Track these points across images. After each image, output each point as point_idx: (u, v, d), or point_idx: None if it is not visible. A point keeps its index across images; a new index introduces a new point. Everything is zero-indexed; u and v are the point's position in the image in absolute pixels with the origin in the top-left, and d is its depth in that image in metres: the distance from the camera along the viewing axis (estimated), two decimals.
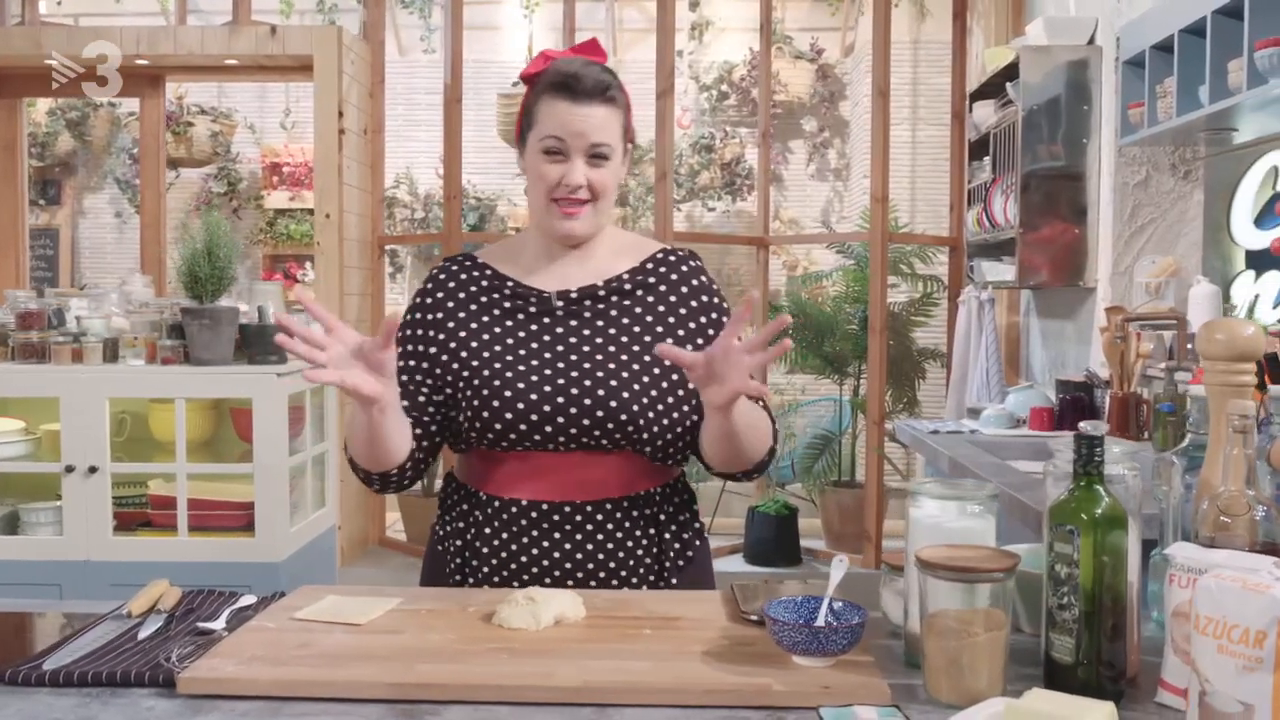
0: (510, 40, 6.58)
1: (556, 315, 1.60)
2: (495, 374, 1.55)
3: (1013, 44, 3.90)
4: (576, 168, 1.55)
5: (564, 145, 1.54)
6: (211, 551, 3.11)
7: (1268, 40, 2.33)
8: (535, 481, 1.56)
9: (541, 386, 1.54)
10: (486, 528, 1.57)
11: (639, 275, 1.64)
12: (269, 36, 4.33)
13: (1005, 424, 3.24)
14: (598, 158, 1.56)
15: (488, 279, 1.65)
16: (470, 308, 1.63)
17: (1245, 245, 3.69)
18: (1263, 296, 3.65)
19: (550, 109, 1.55)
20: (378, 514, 4.81)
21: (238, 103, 6.82)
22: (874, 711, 1.06)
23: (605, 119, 1.55)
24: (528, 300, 1.62)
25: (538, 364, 1.56)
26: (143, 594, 1.44)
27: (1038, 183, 3.53)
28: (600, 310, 1.61)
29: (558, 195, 1.56)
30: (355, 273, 4.56)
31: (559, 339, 1.58)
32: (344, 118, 4.37)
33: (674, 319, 1.62)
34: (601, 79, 1.56)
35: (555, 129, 1.54)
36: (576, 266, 1.63)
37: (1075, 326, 3.71)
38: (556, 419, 1.52)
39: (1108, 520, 1.11)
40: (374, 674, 1.14)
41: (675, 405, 1.57)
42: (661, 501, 1.61)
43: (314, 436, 3.49)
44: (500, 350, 1.58)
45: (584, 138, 1.54)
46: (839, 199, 6.81)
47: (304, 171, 6.85)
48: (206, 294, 3.08)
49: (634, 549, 1.57)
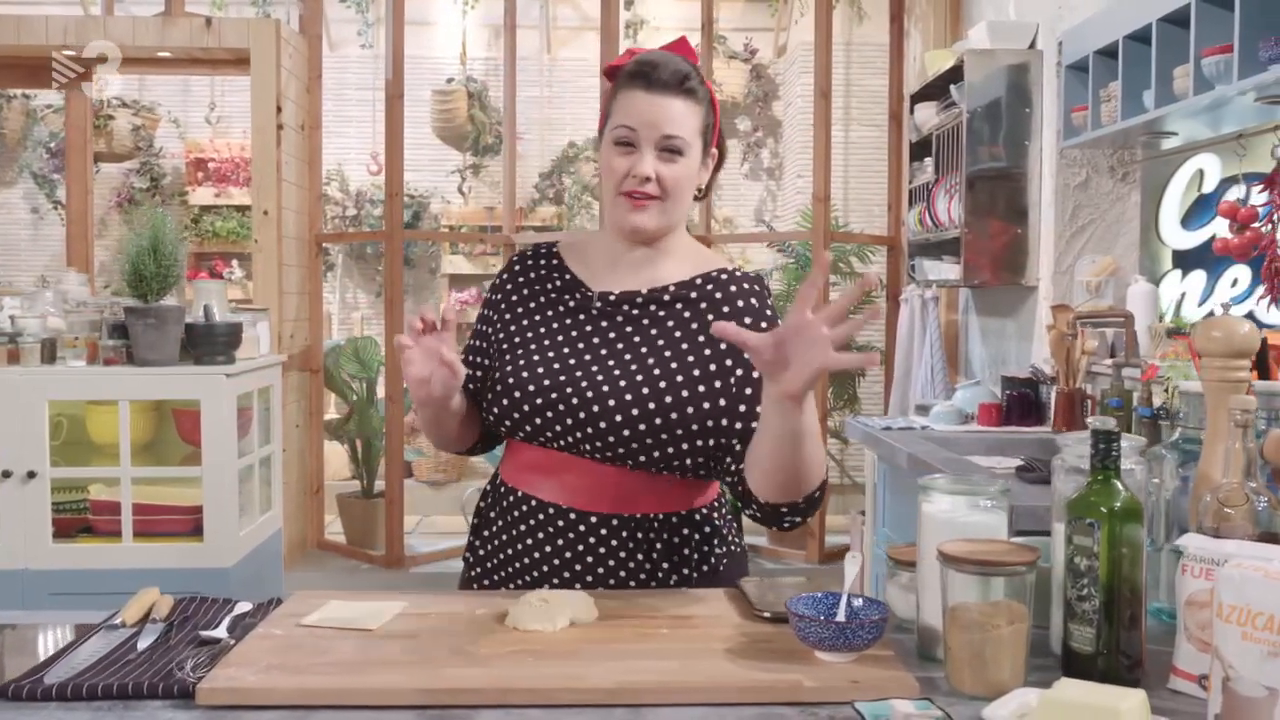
0: (444, 36, 6.50)
1: (591, 315, 1.58)
2: (520, 362, 1.55)
3: (954, 48, 3.97)
4: (645, 158, 1.49)
5: (634, 135, 1.49)
6: (158, 558, 3.03)
7: (1215, 48, 2.41)
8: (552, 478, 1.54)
9: (555, 384, 1.51)
10: (500, 520, 1.59)
11: (685, 289, 1.57)
12: (204, 29, 4.21)
13: (955, 420, 3.30)
14: (670, 151, 1.50)
15: (554, 269, 1.64)
16: (524, 291, 1.63)
17: (1172, 245, 3.83)
18: (1189, 295, 3.78)
19: (625, 99, 1.51)
20: (316, 516, 4.72)
21: (160, 96, 6.62)
22: (910, 705, 1.07)
23: (681, 111, 1.50)
24: (572, 295, 1.60)
25: (560, 363, 1.54)
26: (134, 603, 1.39)
27: (981, 183, 3.61)
28: (634, 317, 1.56)
29: (625, 189, 1.51)
30: (293, 271, 4.47)
31: (586, 338, 1.56)
32: (282, 113, 4.27)
33: (705, 337, 1.52)
34: (680, 69, 1.51)
35: (627, 118, 1.50)
36: (634, 271, 1.59)
37: (1016, 324, 3.80)
38: (561, 417, 1.51)
39: (1125, 513, 1.14)
40: (402, 680, 1.12)
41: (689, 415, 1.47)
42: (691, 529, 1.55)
43: (260, 438, 3.42)
44: (531, 337, 1.58)
45: (655, 128, 1.48)
46: (772, 198, 6.87)
47: (230, 168, 6.68)
48: (152, 292, 3.00)
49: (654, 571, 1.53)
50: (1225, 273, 3.77)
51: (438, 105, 6.19)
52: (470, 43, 6.54)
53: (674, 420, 1.47)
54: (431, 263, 6.72)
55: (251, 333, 3.26)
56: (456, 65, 6.51)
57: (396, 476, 4.48)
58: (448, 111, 6.17)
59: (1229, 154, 3.58)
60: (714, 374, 1.50)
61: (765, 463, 1.37)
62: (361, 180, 6.65)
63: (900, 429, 3.22)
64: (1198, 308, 3.77)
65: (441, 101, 6.17)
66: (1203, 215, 3.85)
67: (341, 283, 6.73)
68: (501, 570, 1.57)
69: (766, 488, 1.40)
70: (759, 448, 1.38)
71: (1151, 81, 2.71)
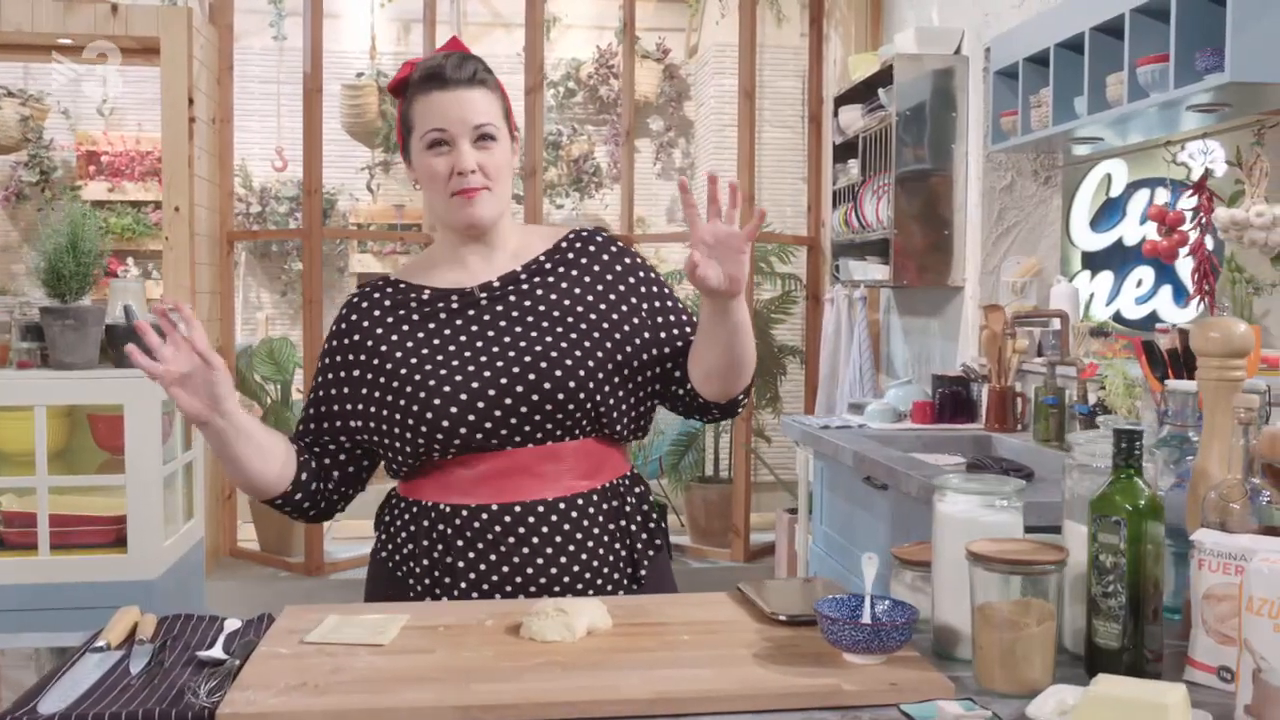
0: (351, 30, 6.35)
1: (481, 305, 1.57)
2: (430, 375, 1.50)
3: (880, 52, 4.04)
4: (464, 152, 1.52)
5: (447, 134, 1.52)
6: (78, 571, 2.87)
7: (1150, 57, 2.50)
8: (500, 481, 1.51)
9: (482, 375, 1.50)
10: (459, 539, 1.50)
11: (556, 255, 1.63)
12: (109, 16, 4.02)
13: (890, 418, 3.36)
14: (484, 139, 1.53)
15: (401, 292, 1.60)
16: (388, 320, 1.58)
17: (1082, 247, 3.97)
18: (1097, 295, 3.93)
19: (425, 104, 1.53)
20: (228, 524, 4.56)
21: (48, 85, 6.31)
22: (958, 706, 1.07)
23: (482, 100, 1.54)
24: (447, 300, 1.58)
25: (471, 355, 1.52)
26: (116, 623, 1.32)
27: (910, 185, 3.67)
28: (525, 292, 1.58)
29: (454, 188, 1.52)
30: (205, 269, 4.30)
31: (489, 326, 1.55)
32: (194, 105, 4.11)
33: (601, 287, 1.61)
34: (468, 63, 1.55)
35: (434, 120, 1.52)
36: (487, 263, 1.60)
37: (941, 323, 3.88)
38: (505, 402, 1.49)
39: (1149, 511, 1.17)
40: (434, 698, 1.08)
41: (622, 364, 1.56)
42: (625, 494, 1.60)
43: (181, 444, 3.27)
44: (429, 352, 1.53)
45: (465, 121, 1.52)
46: None
47: (124, 161, 6.41)
48: (70, 292, 2.84)
49: (610, 544, 1.55)
50: (1131, 273, 3.93)
51: (347, 100, 6.03)
52: (380, 37, 6.40)
53: (621, 362, 1.55)
54: (340, 261, 6.56)
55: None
56: (364, 60, 6.36)
57: None
58: (357, 107, 6.02)
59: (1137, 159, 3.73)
60: (628, 313, 1.59)
61: (706, 360, 1.54)
62: (265, 176, 6.45)
63: (838, 428, 3.26)
64: (1105, 307, 3.92)
65: (351, 96, 6.02)
66: (1111, 218, 4.01)
67: (245, 281, 6.51)
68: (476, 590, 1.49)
69: (719, 388, 1.58)
70: (708, 356, 1.54)
71: (1084, 88, 2.79)
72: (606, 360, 1.54)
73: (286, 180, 6.45)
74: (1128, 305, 3.93)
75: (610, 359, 1.55)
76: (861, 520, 2.97)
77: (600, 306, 1.58)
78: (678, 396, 1.64)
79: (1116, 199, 3.96)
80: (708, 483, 4.97)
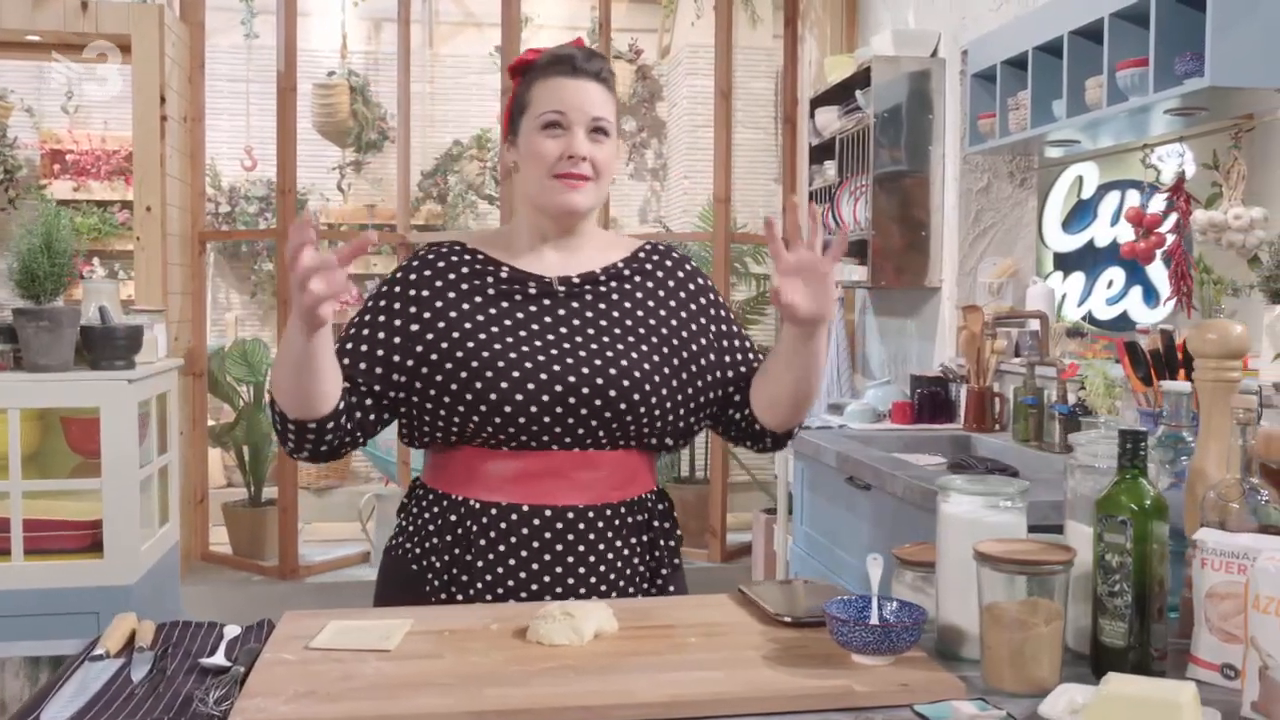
0: (320, 29, 6.29)
1: (558, 298, 1.56)
2: (499, 357, 1.48)
3: (857, 54, 4.06)
4: (579, 138, 1.51)
5: (565, 118, 1.52)
6: (53, 576, 2.83)
7: (1129, 61, 2.53)
8: (533, 484, 1.49)
9: (550, 369, 1.48)
10: (481, 539, 1.48)
11: (633, 264, 1.63)
12: (79, 12, 3.96)
13: (870, 419, 3.38)
14: (599, 132, 1.53)
15: (479, 263, 1.58)
16: (462, 289, 1.55)
17: (1054, 248, 4.01)
18: (1069, 296, 3.97)
19: (548, 86, 1.53)
20: (201, 527, 4.50)
21: (11, 82, 6.21)
22: (972, 706, 1.08)
23: (602, 96, 1.55)
24: (525, 284, 1.56)
25: (542, 345, 1.50)
26: (113, 631, 1.30)
27: (887, 187, 3.70)
28: (602, 294, 1.58)
29: (560, 170, 1.52)
30: (177, 270, 4.25)
31: (563, 321, 1.53)
32: (166, 104, 4.06)
33: (674, 303, 1.61)
34: (597, 58, 1.56)
35: (555, 103, 1.52)
36: (571, 254, 1.60)
37: (918, 324, 3.91)
38: (568, 400, 1.47)
39: (1154, 510, 1.18)
40: (449, 704, 1.07)
41: (688, 382, 1.57)
42: (652, 508, 1.59)
43: (157, 446, 3.23)
44: (499, 332, 1.51)
45: (585, 111, 1.52)
46: (657, 199, 6.90)
47: (90, 160, 6.32)
48: (45, 293, 2.80)
49: (630, 557, 1.54)
50: (1102, 274, 3.98)
51: (319, 99, 5.99)
52: (352, 36, 6.35)
53: (692, 374, 1.56)
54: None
55: (150, 335, 3.08)
56: (334, 58, 6.31)
57: (290, 484, 4.31)
58: (329, 106, 5.97)
59: (1108, 162, 3.77)
60: (697, 333, 1.60)
61: (788, 391, 1.55)
62: (235, 175, 6.38)
63: (819, 428, 3.27)
64: (1077, 308, 3.96)
65: (323, 95, 5.97)
66: (1082, 219, 4.06)
67: (213, 282, 6.44)
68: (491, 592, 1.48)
69: (783, 417, 1.60)
70: (779, 383, 1.55)
71: (1063, 92, 2.82)
72: (672, 376, 1.55)
73: (256, 180, 6.39)
74: (1099, 306, 3.97)
75: (676, 375, 1.55)
76: (844, 520, 2.98)
77: (671, 322, 1.59)
78: (733, 421, 1.64)
79: (1088, 201, 4.00)
80: (684, 483, 4.97)
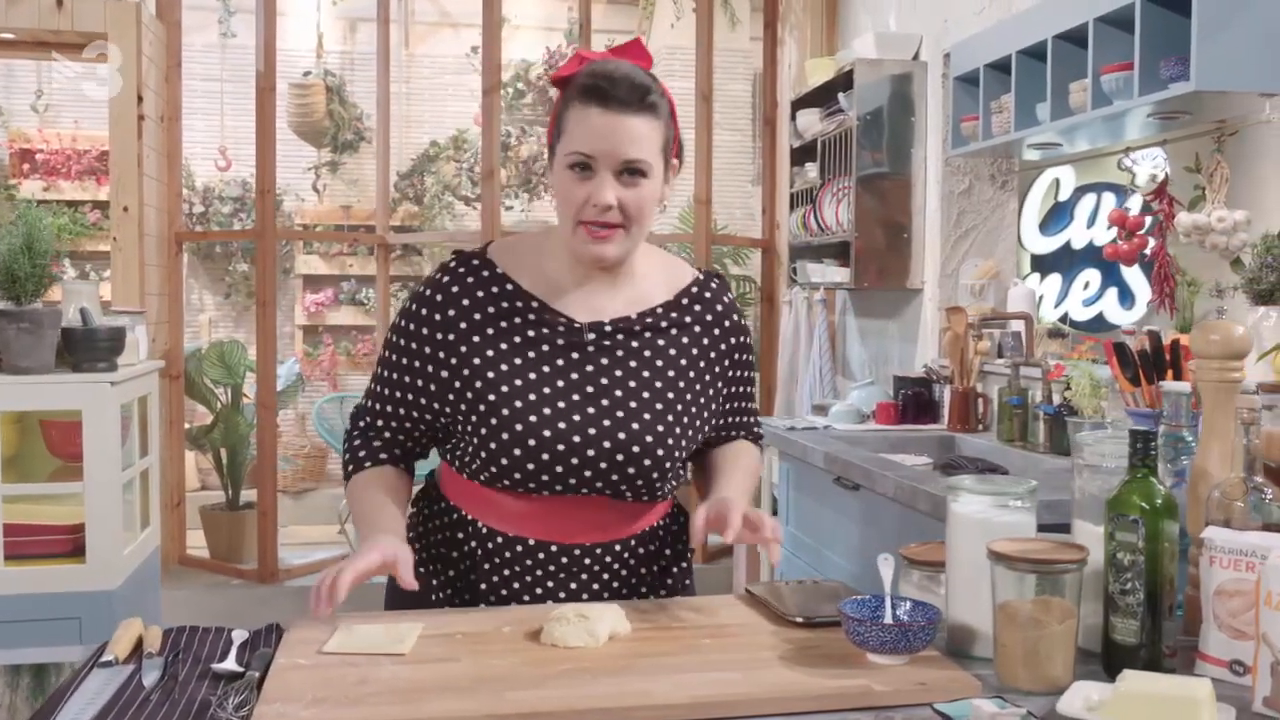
0: (295, 28, 6.25)
1: (587, 351, 1.45)
2: (524, 411, 1.41)
3: (838, 57, 4.08)
4: (605, 185, 1.37)
5: (593, 160, 1.37)
6: (34, 582, 2.79)
7: (1114, 65, 2.56)
8: (544, 522, 1.45)
9: (573, 429, 1.41)
10: (486, 564, 1.46)
11: (674, 310, 1.51)
12: (54, 10, 3.90)
13: (854, 419, 3.39)
14: (633, 174, 1.38)
15: (508, 295, 1.46)
16: (489, 329, 1.44)
17: (1032, 250, 4.05)
18: (1046, 297, 4.01)
19: (580, 118, 1.38)
20: (178, 531, 4.45)
21: None
22: (992, 704, 1.09)
23: (642, 130, 1.38)
24: (555, 328, 1.45)
25: (566, 405, 1.42)
26: (121, 636, 1.28)
27: (870, 189, 3.72)
28: (634, 348, 1.47)
29: (584, 217, 1.39)
30: (154, 271, 4.20)
31: (591, 377, 1.44)
32: (143, 103, 4.01)
33: (698, 352, 1.52)
34: (641, 82, 1.38)
35: (583, 142, 1.37)
36: (607, 291, 1.48)
37: (899, 325, 3.93)
38: (586, 466, 1.41)
39: (1165, 510, 1.20)
40: (472, 707, 1.06)
41: (694, 439, 1.52)
42: (663, 534, 1.55)
43: (139, 450, 3.20)
44: (524, 386, 1.42)
45: (615, 154, 1.37)
46: None
47: (60, 160, 6.24)
48: (26, 294, 2.76)
49: (638, 585, 1.52)
50: (1079, 276, 4.02)
51: (295, 99, 5.94)
52: (327, 36, 6.31)
53: (692, 436, 1.50)
54: (285, 263, 6.45)
55: (132, 337, 3.04)
56: (310, 58, 6.27)
57: (270, 487, 4.27)
58: (305, 106, 5.93)
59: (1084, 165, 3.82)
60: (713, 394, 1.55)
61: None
62: (208, 176, 6.32)
63: (805, 429, 3.29)
64: (1054, 309, 4.00)
65: (299, 95, 5.93)
66: (1059, 221, 4.10)
67: (187, 283, 6.37)
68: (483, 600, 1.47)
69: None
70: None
71: (1047, 95, 2.84)
72: (683, 435, 1.48)
73: (230, 180, 6.33)
74: (1075, 307, 4.01)
75: (685, 433, 1.48)
76: (831, 521, 2.99)
77: (694, 377, 1.51)
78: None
79: (1064, 203, 4.05)
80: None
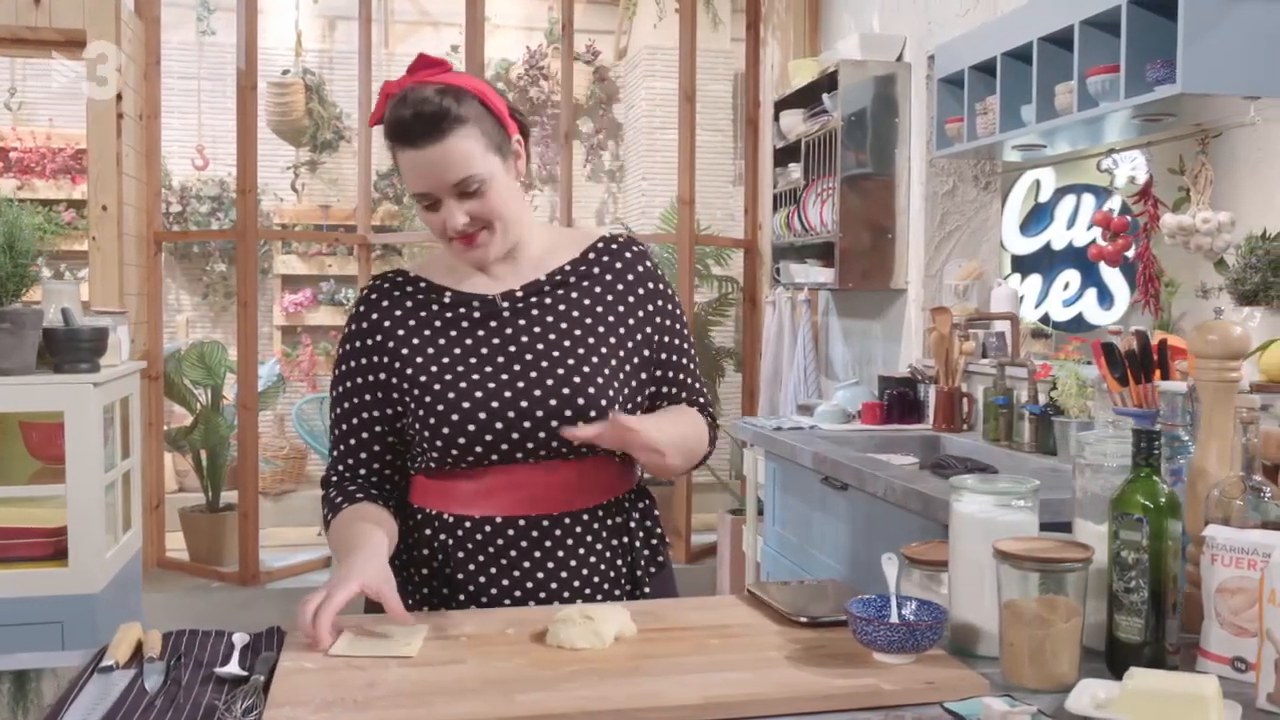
0: (276, 26, 6.20)
1: (504, 317, 1.53)
2: (450, 387, 1.47)
3: (822, 58, 4.09)
4: (452, 210, 1.45)
5: (430, 195, 1.45)
6: (15, 586, 2.75)
7: (1100, 67, 2.58)
8: (506, 495, 1.49)
9: (502, 393, 1.46)
10: (459, 551, 1.48)
11: (581, 265, 1.58)
12: (32, 6, 3.86)
13: (840, 419, 3.40)
14: (470, 191, 1.44)
15: (423, 291, 1.55)
16: (410, 323, 1.53)
17: (1013, 250, 4.08)
18: (1026, 297, 4.04)
19: (401, 160, 1.44)
20: (157, 533, 4.41)
21: None
22: (1002, 702, 1.09)
23: (457, 151, 1.41)
24: (470, 306, 1.53)
25: (492, 370, 1.48)
26: (121, 641, 1.27)
27: (854, 189, 3.73)
28: (548, 305, 1.54)
29: (450, 236, 1.48)
30: (133, 270, 4.16)
31: (510, 340, 1.51)
32: (123, 100, 3.97)
33: (623, 307, 1.57)
34: (433, 110, 1.40)
35: (412, 182, 1.44)
36: (511, 271, 1.56)
37: (883, 325, 3.95)
38: (523, 424, 1.46)
39: (1168, 508, 1.21)
40: (483, 709, 1.06)
41: (637, 390, 1.56)
42: (629, 509, 1.59)
43: (121, 451, 3.16)
44: (450, 362, 1.49)
45: (443, 181, 1.43)
46: (614, 200, 6.90)
47: (34, 158, 6.16)
48: (6, 294, 2.72)
49: (613, 559, 1.54)
50: (1059, 277, 4.06)
51: (274, 98, 5.90)
52: (306, 33, 6.27)
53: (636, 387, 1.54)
54: (264, 263, 6.39)
55: (114, 337, 3.01)
56: (289, 57, 6.22)
57: (251, 489, 4.24)
58: (284, 105, 5.89)
59: (1064, 166, 3.85)
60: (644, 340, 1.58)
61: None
62: (185, 175, 6.26)
63: (791, 429, 3.29)
64: (1035, 309, 4.04)
65: (278, 94, 5.88)
66: (1039, 222, 4.13)
67: (163, 284, 6.31)
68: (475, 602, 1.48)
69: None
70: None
71: (1032, 97, 2.86)
72: (624, 384, 1.53)
73: (208, 179, 6.28)
74: (1055, 308, 4.04)
75: (627, 382, 1.53)
76: (818, 521, 3.00)
77: (620, 327, 1.56)
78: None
79: (1045, 204, 4.08)
80: (648, 484, 4.97)
